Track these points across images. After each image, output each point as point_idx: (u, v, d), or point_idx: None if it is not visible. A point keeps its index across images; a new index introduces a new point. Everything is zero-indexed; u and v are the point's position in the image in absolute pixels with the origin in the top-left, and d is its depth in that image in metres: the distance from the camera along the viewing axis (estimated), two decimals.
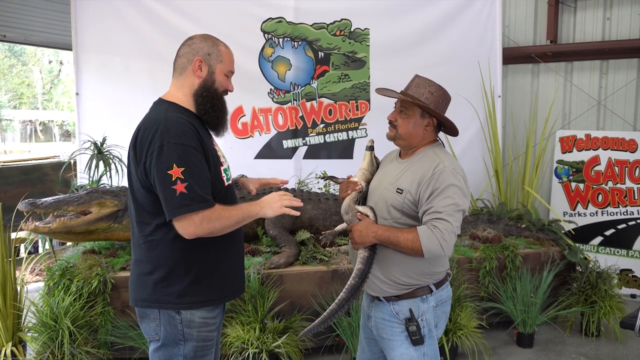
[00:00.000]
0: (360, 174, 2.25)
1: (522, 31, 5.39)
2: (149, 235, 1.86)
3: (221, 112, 1.97)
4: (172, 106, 1.89)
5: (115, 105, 4.46)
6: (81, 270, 3.15)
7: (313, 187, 4.38)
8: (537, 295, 3.74)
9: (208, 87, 1.93)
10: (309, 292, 3.41)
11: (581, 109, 5.21)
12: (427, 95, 2.07)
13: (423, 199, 1.98)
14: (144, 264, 1.88)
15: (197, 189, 1.73)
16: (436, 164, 2.01)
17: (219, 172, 1.93)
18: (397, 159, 2.20)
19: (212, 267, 1.91)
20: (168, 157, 1.72)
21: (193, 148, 1.76)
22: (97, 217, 3.26)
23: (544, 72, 5.32)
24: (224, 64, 1.97)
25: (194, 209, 1.72)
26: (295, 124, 4.80)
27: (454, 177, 1.97)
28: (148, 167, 1.75)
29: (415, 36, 4.79)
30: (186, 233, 1.75)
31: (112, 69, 4.54)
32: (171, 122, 1.77)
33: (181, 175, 1.71)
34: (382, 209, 2.07)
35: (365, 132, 4.84)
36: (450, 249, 1.91)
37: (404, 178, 2.08)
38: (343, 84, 4.80)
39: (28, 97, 23.68)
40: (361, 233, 1.97)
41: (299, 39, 4.72)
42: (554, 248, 4.05)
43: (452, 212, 1.92)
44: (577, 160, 5.15)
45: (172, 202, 1.71)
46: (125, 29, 4.52)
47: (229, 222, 1.82)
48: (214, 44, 1.96)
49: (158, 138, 1.73)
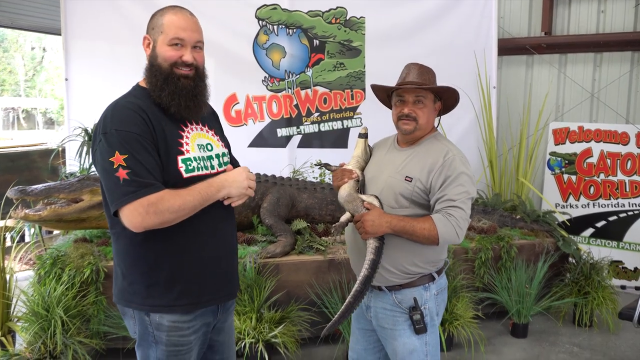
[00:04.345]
0: (354, 162, 2.21)
1: (516, 22, 5.37)
2: (111, 227, 1.75)
3: (175, 91, 1.71)
4: (138, 90, 1.77)
5: (105, 91, 4.24)
6: (73, 259, 3.07)
7: (308, 176, 4.34)
8: (531, 286, 3.75)
9: (152, 64, 1.75)
10: (306, 282, 3.38)
11: (574, 101, 5.23)
12: (433, 80, 2.09)
13: (435, 187, 1.96)
14: (115, 257, 1.78)
15: (142, 174, 1.58)
16: (445, 152, 2.01)
17: (174, 162, 1.69)
18: (396, 147, 2.18)
19: (179, 266, 1.72)
20: (110, 144, 1.59)
21: (136, 134, 1.61)
22: (89, 204, 3.19)
23: (538, 64, 5.32)
24: (165, 33, 1.72)
25: (138, 196, 1.55)
26: (289, 113, 4.74)
27: (463, 166, 1.98)
28: (95, 156, 1.66)
29: (411, 25, 4.74)
30: (133, 225, 1.57)
31: (102, 55, 4.41)
32: (117, 108, 1.66)
33: (123, 162, 1.57)
34: (388, 197, 2.04)
35: (360, 121, 4.79)
36: (463, 236, 1.91)
37: (411, 166, 2.05)
38: (338, 73, 4.75)
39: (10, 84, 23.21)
40: (374, 223, 1.93)
41: (294, 26, 4.65)
42: (548, 239, 4.06)
43: (464, 200, 1.93)
44: (569, 152, 5.17)
45: (115, 191, 1.57)
46: (115, 14, 4.40)
47: (183, 209, 1.62)
48: (160, 15, 1.76)
49: (102, 125, 1.64)
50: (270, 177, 3.88)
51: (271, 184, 3.78)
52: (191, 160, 1.74)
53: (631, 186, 4.95)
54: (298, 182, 3.94)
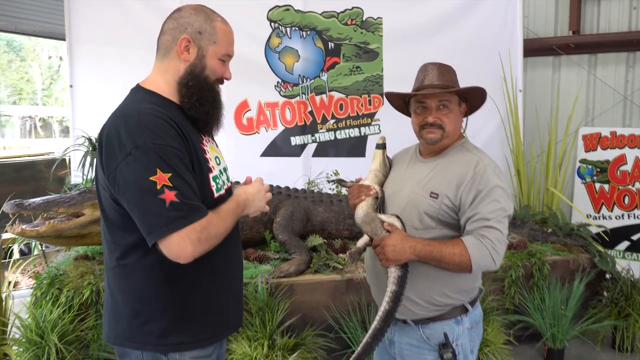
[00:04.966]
0: (372, 176, 1.95)
1: (542, 21, 5.08)
2: (121, 258, 1.50)
3: (212, 107, 1.57)
4: (150, 95, 1.53)
5: (112, 99, 4.03)
6: (72, 278, 2.86)
7: (324, 187, 4.09)
8: (567, 307, 3.44)
9: (196, 74, 1.55)
10: (322, 304, 3.12)
11: (606, 105, 4.92)
12: (455, 79, 1.83)
13: (465, 204, 1.69)
14: (117, 293, 1.54)
15: (190, 196, 1.39)
16: (475, 162, 1.74)
17: (207, 181, 1.54)
18: (418, 158, 1.91)
19: (204, 297, 1.56)
20: (148, 160, 1.35)
21: (176, 149, 1.41)
22: (90, 219, 2.98)
23: (565, 65, 5.02)
24: (219, 45, 1.56)
25: (189, 221, 1.36)
26: (304, 120, 4.50)
27: (497, 178, 1.71)
28: (120, 176, 1.37)
29: (431, 25, 4.48)
30: (183, 255, 1.36)
31: (109, 60, 4.24)
32: (145, 117, 1.41)
33: (168, 181, 1.35)
34: (412, 217, 1.77)
35: (378, 128, 4.54)
36: (500, 261, 1.64)
37: (436, 180, 1.79)
38: (355, 77, 4.50)
39: (27, 92, 23.43)
40: (395, 248, 1.67)
41: (308, 28, 4.42)
42: (583, 255, 3.75)
43: (500, 219, 1.66)
44: (601, 160, 4.85)
45: (161, 216, 1.34)
46: (123, 18, 4.23)
47: (225, 233, 1.50)
48: (207, 19, 1.56)
49: (130, 138, 1.37)
50: (284, 189, 3.63)
51: (285, 197, 3.54)
52: (217, 177, 1.60)
53: None
54: (313, 195, 3.69)
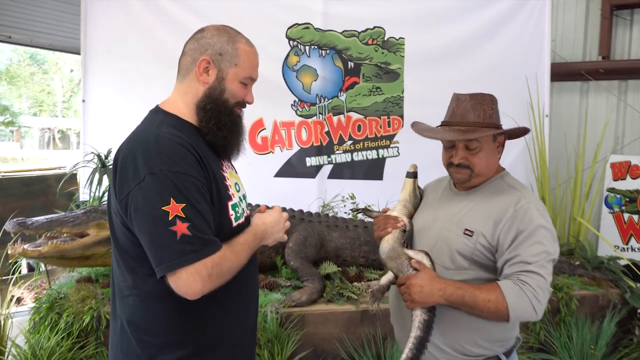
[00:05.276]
0: (401, 207, 1.80)
1: (569, 46, 4.91)
2: (132, 287, 1.44)
3: (230, 132, 1.51)
4: (170, 118, 1.49)
5: (125, 115, 4.07)
6: (72, 302, 2.72)
7: (339, 211, 3.93)
8: (597, 347, 3.21)
9: (215, 97, 1.50)
10: (335, 336, 2.93)
11: (636, 132, 4.70)
12: (490, 113, 1.64)
13: (504, 245, 1.52)
14: (126, 324, 1.47)
15: (203, 229, 1.33)
16: (516, 199, 1.57)
17: (225, 210, 1.47)
18: (452, 190, 1.76)
19: (217, 331, 1.48)
20: (162, 188, 1.30)
21: (194, 177, 1.35)
22: (95, 240, 2.86)
23: (594, 91, 4.83)
24: (240, 67, 1.51)
25: (200, 256, 1.29)
26: (320, 140, 4.37)
27: (541, 217, 1.53)
28: (133, 202, 1.33)
29: (455, 47, 4.33)
30: (191, 291, 1.30)
31: (124, 76, 4.17)
32: (164, 142, 1.36)
33: (181, 212, 1.29)
34: (442, 255, 1.61)
35: (397, 150, 4.38)
36: (542, 312, 1.45)
37: (471, 216, 1.62)
38: (374, 98, 4.36)
39: (48, 104, 23.78)
40: (422, 289, 1.51)
41: (327, 47, 4.31)
42: (613, 290, 3.52)
43: (544, 263, 1.48)
44: (630, 189, 4.63)
45: (171, 249, 1.28)
46: (140, 33, 4.16)
47: (239, 267, 1.43)
48: (230, 40, 1.51)
49: (146, 163, 1.32)
50: (297, 212, 3.47)
51: (298, 221, 3.38)
52: (237, 205, 1.53)
53: None
54: (328, 219, 3.53)
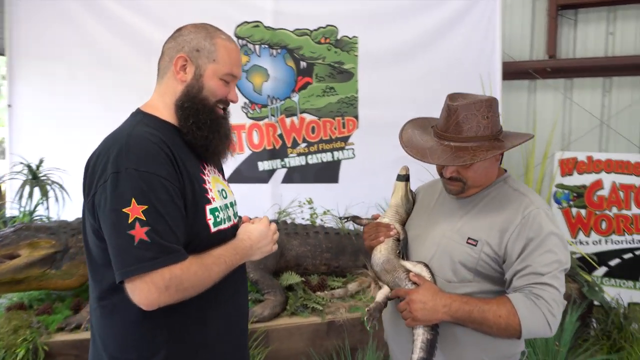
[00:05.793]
0: (392, 213, 1.64)
1: (517, 45, 4.98)
2: (101, 297, 1.36)
3: (212, 132, 1.43)
4: (148, 119, 1.42)
5: (56, 121, 3.73)
6: (3, 334, 2.38)
7: (296, 217, 3.74)
8: (562, 343, 3.20)
9: (193, 95, 1.43)
10: (301, 351, 2.75)
11: (582, 129, 4.83)
12: (485, 123, 1.44)
13: (512, 255, 1.39)
14: (97, 337, 1.41)
15: (165, 235, 1.24)
16: (524, 204, 1.44)
17: (202, 213, 1.38)
18: (451, 195, 1.61)
19: (198, 341, 1.39)
20: (125, 189, 1.23)
21: (163, 178, 1.27)
22: (28, 261, 2.54)
23: (541, 89, 4.92)
24: (220, 63, 1.44)
25: (157, 265, 1.21)
26: (272, 143, 4.17)
27: (551, 223, 1.41)
28: (98, 202, 1.27)
29: (409, 46, 4.26)
30: (145, 302, 1.23)
31: (54, 78, 3.81)
32: (135, 141, 1.29)
33: (142, 215, 1.22)
34: (443, 266, 1.46)
35: (352, 152, 4.24)
36: (556, 327, 1.33)
37: (474, 223, 1.48)
38: (328, 98, 4.22)
39: None
40: (425, 306, 1.36)
41: (279, 46, 4.12)
42: (572, 284, 3.55)
43: (556, 273, 1.36)
44: (578, 184, 4.73)
45: (126, 254, 1.21)
46: (72, 32, 3.81)
47: (208, 283, 1.32)
48: (208, 35, 1.45)
49: (113, 162, 1.25)
50: None
51: None
52: (218, 210, 1.44)
53: None
54: (287, 226, 3.34)
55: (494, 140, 1.45)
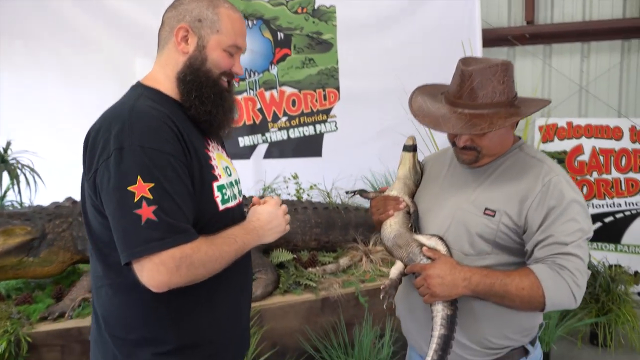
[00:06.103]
0: (400, 185, 1.55)
1: (495, 12, 4.94)
2: (103, 277, 1.31)
3: (216, 106, 1.35)
4: (149, 92, 1.34)
5: (21, 102, 3.53)
6: None
7: (282, 192, 3.65)
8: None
9: (196, 68, 1.34)
10: (296, 329, 2.69)
11: (562, 95, 4.85)
12: (501, 89, 1.35)
13: (533, 224, 1.32)
14: (100, 317, 1.35)
15: (173, 214, 1.17)
16: (544, 172, 1.36)
17: (209, 191, 1.32)
18: (463, 165, 1.51)
19: (203, 326, 1.33)
20: (130, 166, 1.15)
21: (168, 154, 1.20)
22: (2, 250, 2.39)
23: (520, 56, 4.91)
24: (223, 34, 1.35)
25: (166, 245, 1.14)
26: (252, 118, 4.04)
27: (573, 191, 1.34)
28: (100, 180, 1.20)
29: (387, 14, 4.14)
30: (155, 283, 1.16)
31: (15, 56, 3.59)
32: (138, 115, 1.21)
33: (149, 193, 1.15)
34: (460, 239, 1.38)
35: (335, 125, 4.15)
36: (581, 298, 1.27)
37: (491, 193, 1.39)
38: (308, 70, 4.09)
39: None
40: (444, 281, 1.29)
41: (254, 17, 3.96)
42: None
43: (580, 242, 1.29)
44: (558, 150, 4.76)
45: (134, 234, 1.14)
46: (34, 6, 3.58)
47: (220, 263, 1.25)
48: (210, 4, 1.36)
49: (116, 138, 1.18)
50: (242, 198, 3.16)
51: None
52: (225, 187, 1.38)
53: (627, 184, 4.59)
54: None
55: (510, 107, 1.36)
